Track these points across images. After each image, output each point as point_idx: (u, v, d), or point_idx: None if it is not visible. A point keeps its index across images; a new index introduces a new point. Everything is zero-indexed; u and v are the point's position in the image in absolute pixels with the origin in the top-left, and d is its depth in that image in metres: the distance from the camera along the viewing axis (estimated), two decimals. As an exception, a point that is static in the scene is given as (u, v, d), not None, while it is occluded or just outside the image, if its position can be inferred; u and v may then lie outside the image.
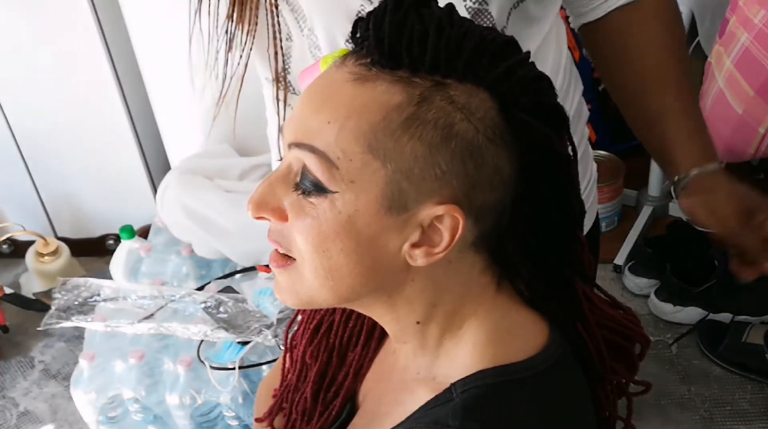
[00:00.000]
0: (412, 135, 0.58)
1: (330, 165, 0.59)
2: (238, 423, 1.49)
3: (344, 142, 0.59)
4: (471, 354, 0.65)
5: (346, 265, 0.61)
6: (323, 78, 0.63)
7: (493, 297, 0.66)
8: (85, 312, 1.60)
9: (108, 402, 1.52)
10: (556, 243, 0.66)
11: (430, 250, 0.61)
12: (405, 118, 0.58)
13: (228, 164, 1.84)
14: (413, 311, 0.66)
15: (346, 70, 0.61)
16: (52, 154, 2.26)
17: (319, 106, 0.61)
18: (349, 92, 0.60)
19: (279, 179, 0.63)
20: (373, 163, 0.59)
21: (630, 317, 0.75)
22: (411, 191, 0.59)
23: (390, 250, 0.61)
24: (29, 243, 2.27)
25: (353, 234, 0.60)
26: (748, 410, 1.82)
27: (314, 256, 0.62)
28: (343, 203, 0.60)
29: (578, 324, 0.70)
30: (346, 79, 0.60)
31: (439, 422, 0.62)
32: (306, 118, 0.61)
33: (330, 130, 0.59)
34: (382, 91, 0.59)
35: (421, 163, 0.58)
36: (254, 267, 1.70)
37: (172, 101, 2.01)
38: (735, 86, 1.68)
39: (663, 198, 2.29)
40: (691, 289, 1.98)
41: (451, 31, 0.59)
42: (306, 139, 0.60)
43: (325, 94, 0.61)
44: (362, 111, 0.59)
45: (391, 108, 0.58)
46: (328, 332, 0.79)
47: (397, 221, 0.60)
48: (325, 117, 0.60)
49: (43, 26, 2.05)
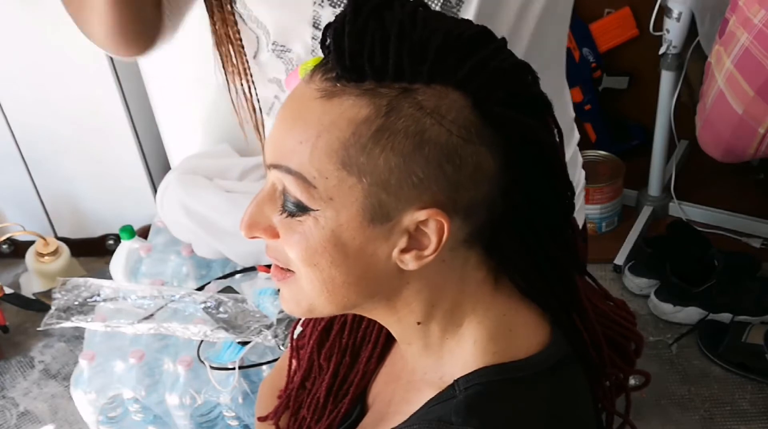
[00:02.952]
0: (383, 147, 0.58)
1: (307, 185, 0.59)
2: (238, 423, 1.49)
3: (317, 161, 0.59)
4: (472, 351, 0.65)
5: (338, 276, 0.62)
6: (293, 96, 0.62)
7: (491, 294, 0.66)
8: (85, 312, 1.60)
9: (108, 402, 1.52)
10: (548, 229, 0.66)
11: (419, 253, 0.61)
12: (374, 130, 0.57)
13: (228, 164, 1.83)
14: (412, 312, 0.66)
15: (314, 87, 0.60)
16: (52, 154, 2.26)
17: (290, 126, 0.60)
18: (317, 110, 0.59)
19: (265, 199, 0.63)
20: (348, 179, 0.58)
21: (621, 310, 0.75)
22: (390, 201, 0.59)
23: (380, 257, 0.61)
24: (29, 243, 2.27)
25: (340, 247, 0.61)
26: (748, 410, 1.82)
27: (307, 270, 0.62)
28: (326, 220, 0.60)
29: (575, 315, 0.70)
30: (314, 97, 0.60)
31: (442, 419, 0.62)
32: (281, 138, 0.61)
33: (303, 149, 0.59)
34: (349, 106, 0.58)
35: (396, 173, 0.58)
36: (254, 267, 1.69)
37: (172, 101, 2.01)
38: (735, 86, 1.68)
39: (663, 198, 2.29)
40: (691, 289, 1.98)
41: (414, 34, 0.58)
42: (282, 161, 0.60)
43: (296, 113, 0.61)
44: (331, 128, 0.58)
45: (359, 122, 0.58)
46: (340, 333, 0.79)
47: (382, 230, 0.60)
48: (297, 137, 0.59)
49: (43, 26, 2.05)
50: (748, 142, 1.74)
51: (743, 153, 1.79)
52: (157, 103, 2.04)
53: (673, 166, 2.26)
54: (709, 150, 1.88)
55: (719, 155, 1.86)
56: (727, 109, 1.72)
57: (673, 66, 2.04)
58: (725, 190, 2.31)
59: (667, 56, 2.03)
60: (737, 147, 1.78)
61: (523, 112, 0.60)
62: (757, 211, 2.22)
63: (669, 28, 1.98)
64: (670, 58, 2.03)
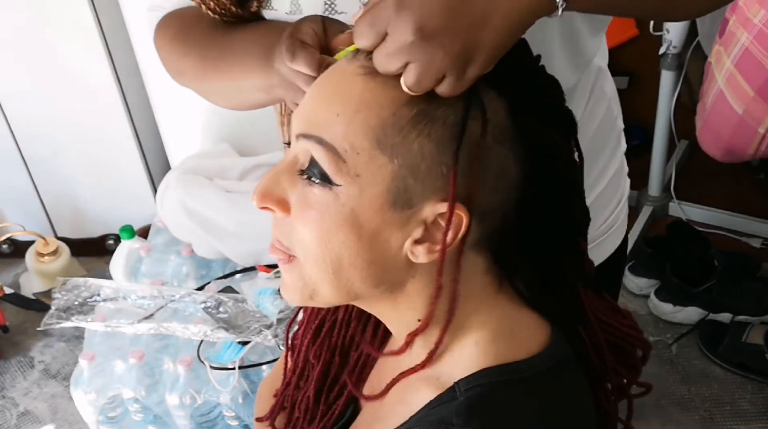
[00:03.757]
0: (420, 131, 0.58)
1: (337, 157, 0.59)
2: (238, 423, 1.48)
3: (352, 136, 0.59)
4: (474, 352, 0.65)
5: (347, 258, 0.61)
6: (334, 70, 0.63)
7: (494, 296, 0.66)
8: (85, 312, 1.60)
9: (108, 402, 1.52)
10: (557, 249, 0.66)
11: (432, 247, 0.61)
12: (415, 113, 0.58)
13: (228, 164, 1.83)
14: (414, 308, 0.66)
15: (358, 64, 0.61)
16: (52, 154, 2.26)
17: (329, 98, 0.61)
18: (359, 85, 0.60)
19: (284, 170, 0.63)
20: (379, 157, 0.59)
21: (630, 324, 0.75)
22: (416, 188, 0.59)
23: (392, 245, 0.61)
24: (29, 243, 2.27)
25: (355, 228, 0.60)
26: (748, 410, 1.82)
27: (317, 249, 0.62)
28: (347, 197, 0.60)
29: (579, 327, 0.70)
30: (358, 73, 0.60)
31: (443, 421, 0.62)
32: (315, 109, 0.61)
33: (339, 122, 0.59)
34: (392, 86, 0.59)
35: (428, 160, 0.58)
36: (254, 267, 1.69)
37: (172, 101, 2.01)
38: (735, 86, 1.68)
39: (663, 198, 2.29)
40: (691, 289, 1.99)
41: None
42: (314, 131, 0.60)
43: (335, 87, 0.61)
44: (372, 105, 0.59)
45: (401, 104, 0.58)
46: (330, 331, 0.79)
47: (400, 217, 0.60)
48: (334, 109, 0.60)
49: (43, 26, 2.05)
50: (748, 142, 1.74)
51: (743, 153, 1.79)
52: (157, 103, 2.04)
53: (673, 166, 2.26)
54: (709, 150, 1.88)
55: (719, 155, 1.86)
56: (727, 109, 1.72)
57: (673, 66, 2.04)
58: (725, 190, 2.31)
59: (667, 56, 2.03)
60: (737, 147, 1.78)
61: (552, 127, 0.62)
62: (757, 211, 2.22)
63: (669, 28, 1.98)
64: (670, 58, 2.03)
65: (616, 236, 1.04)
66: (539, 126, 0.61)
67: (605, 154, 0.99)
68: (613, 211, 1.01)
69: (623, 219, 1.06)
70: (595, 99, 0.95)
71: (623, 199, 1.05)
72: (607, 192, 0.99)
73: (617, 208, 1.03)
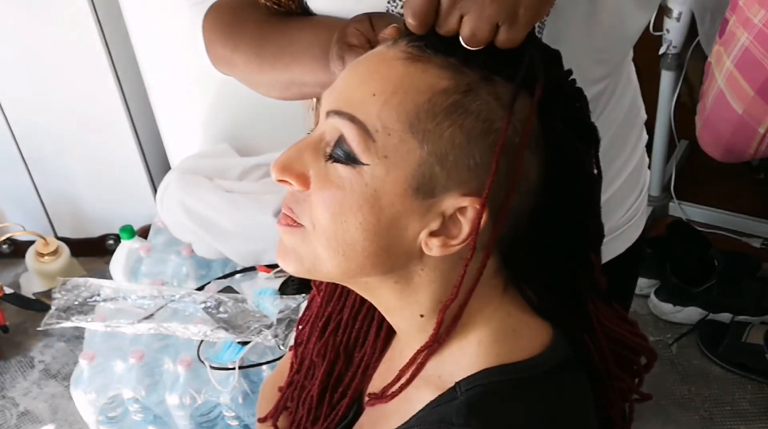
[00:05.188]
0: (453, 121, 0.59)
1: (367, 136, 0.60)
2: (238, 423, 1.49)
3: (386, 117, 0.59)
4: (476, 352, 0.65)
5: (360, 241, 0.61)
6: (373, 53, 0.64)
7: (499, 297, 0.67)
8: (85, 312, 1.60)
9: (108, 402, 1.52)
10: (567, 261, 0.67)
11: (447, 241, 0.61)
12: (450, 103, 0.59)
13: (228, 164, 1.84)
14: (418, 303, 0.66)
15: (399, 49, 0.62)
16: (52, 154, 2.26)
17: (366, 78, 0.61)
18: (399, 69, 0.60)
19: (309, 146, 0.63)
20: (410, 141, 0.59)
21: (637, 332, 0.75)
22: (441, 177, 0.60)
23: (408, 234, 0.62)
24: (29, 243, 2.27)
25: (375, 210, 0.60)
26: (748, 410, 1.82)
27: (331, 228, 0.62)
28: (372, 177, 0.60)
29: (584, 334, 0.70)
30: (398, 57, 0.61)
31: (444, 420, 0.62)
32: (350, 88, 0.62)
33: (374, 102, 0.60)
34: (432, 74, 0.60)
35: (457, 151, 0.59)
36: (254, 267, 1.70)
37: (172, 101, 2.01)
38: (735, 86, 1.68)
39: (663, 198, 2.29)
40: (691, 289, 1.99)
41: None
42: (347, 109, 0.61)
43: (374, 68, 0.62)
44: (410, 89, 0.59)
45: (437, 91, 0.59)
46: (335, 331, 0.79)
47: (421, 205, 0.60)
48: (370, 89, 0.60)
49: (43, 26, 2.05)
50: (748, 142, 1.74)
51: (743, 153, 1.79)
52: (157, 103, 2.04)
53: (673, 166, 2.26)
54: (709, 150, 1.88)
55: (719, 155, 1.86)
56: (727, 109, 1.72)
57: (673, 66, 2.04)
58: (725, 190, 2.31)
59: (667, 56, 2.03)
60: (737, 147, 1.78)
61: (577, 138, 0.63)
62: (757, 211, 2.22)
63: (669, 28, 1.98)
64: (670, 58, 2.03)
65: (635, 228, 1.05)
66: (565, 134, 0.62)
67: (630, 143, 1.00)
68: (634, 202, 1.03)
69: (643, 210, 1.07)
70: (624, 84, 0.99)
71: (644, 190, 1.06)
72: (630, 181, 1.01)
73: (638, 199, 1.04)
